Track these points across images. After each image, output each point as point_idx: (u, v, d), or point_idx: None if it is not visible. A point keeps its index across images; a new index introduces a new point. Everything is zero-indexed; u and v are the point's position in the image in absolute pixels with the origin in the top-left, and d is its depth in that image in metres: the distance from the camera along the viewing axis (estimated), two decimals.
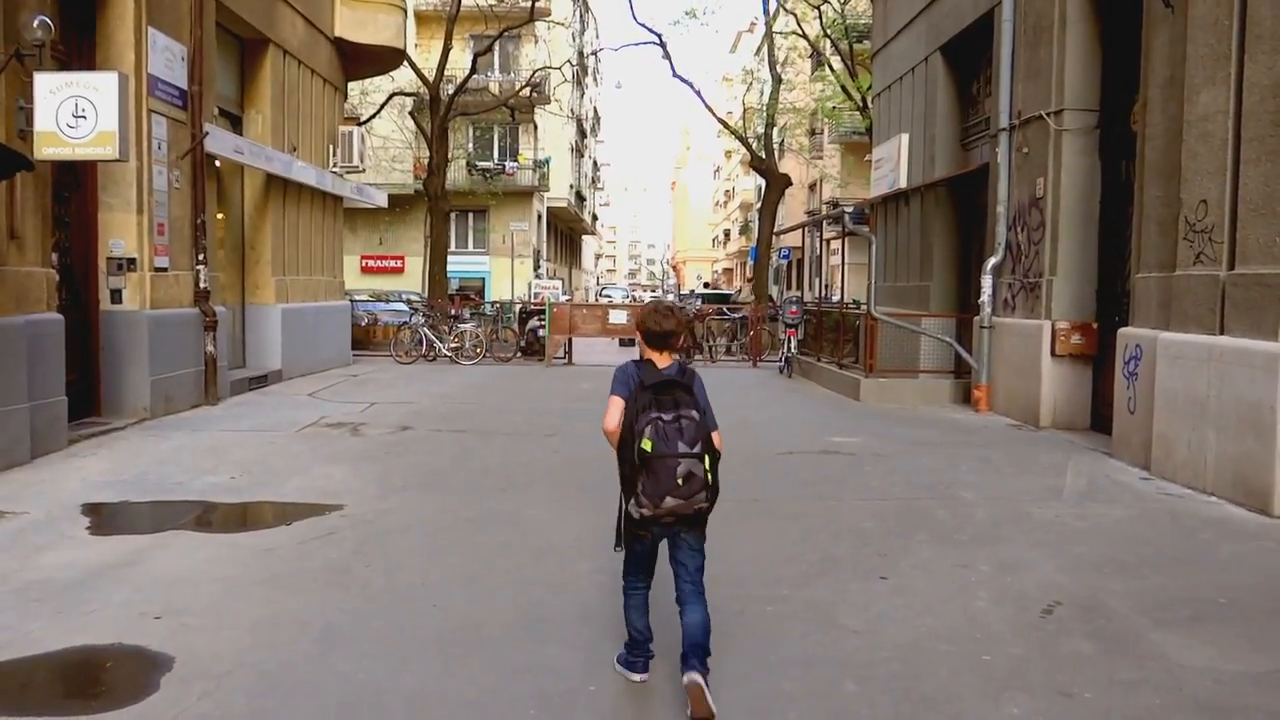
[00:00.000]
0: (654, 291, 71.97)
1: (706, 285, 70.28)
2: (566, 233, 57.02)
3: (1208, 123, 7.57)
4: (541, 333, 18.96)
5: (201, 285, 11.30)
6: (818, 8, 28.20)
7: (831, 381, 14.41)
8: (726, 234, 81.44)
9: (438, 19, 33.65)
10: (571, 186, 48.15)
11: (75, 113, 8.20)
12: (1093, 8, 10.34)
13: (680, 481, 3.52)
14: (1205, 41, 7.63)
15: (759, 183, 40.92)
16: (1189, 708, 3.69)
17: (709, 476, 3.58)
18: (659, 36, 27.90)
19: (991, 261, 11.78)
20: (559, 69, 31.09)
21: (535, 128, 39.56)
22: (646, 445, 3.53)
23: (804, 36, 30.63)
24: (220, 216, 12.98)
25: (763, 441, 9.60)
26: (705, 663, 3.62)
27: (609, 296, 50.44)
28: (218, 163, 12.51)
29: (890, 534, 6.08)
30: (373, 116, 28.49)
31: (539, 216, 42.60)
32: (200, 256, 11.30)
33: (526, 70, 33.66)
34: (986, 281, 11.85)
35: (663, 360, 3.77)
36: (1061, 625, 4.53)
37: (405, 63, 20.28)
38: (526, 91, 31.27)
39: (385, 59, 18.22)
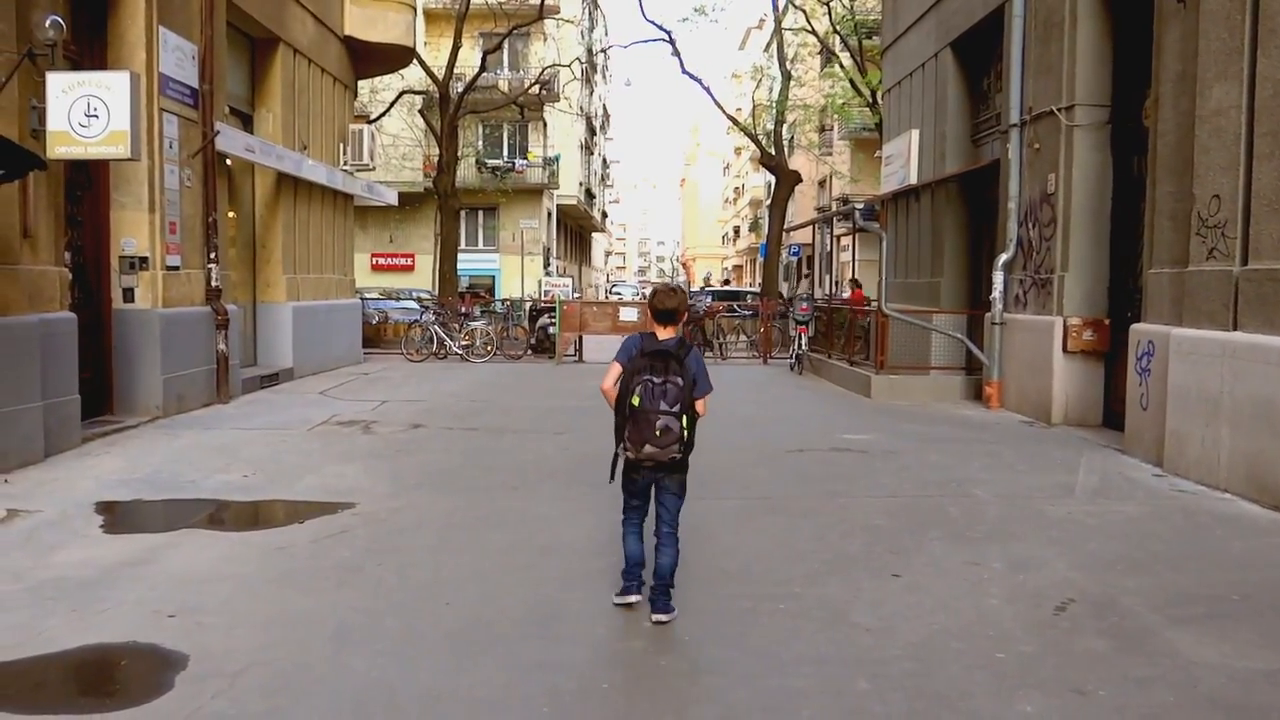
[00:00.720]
0: None
1: (727, 282, 69.33)
2: (576, 230, 57.03)
3: (1220, 118, 7.53)
4: (552, 330, 18.96)
5: (213, 283, 11.34)
6: (827, 4, 28.14)
7: (842, 378, 14.38)
8: (736, 231, 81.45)
9: (447, 17, 33.67)
10: (581, 184, 48.16)
11: (87, 112, 8.22)
12: (1103, 3, 10.28)
13: (658, 433, 4.31)
14: (1217, 36, 7.59)
15: (769, 179, 40.82)
16: (1203, 705, 3.68)
17: (685, 433, 4.35)
18: (668, 34, 27.88)
19: (1003, 258, 11.75)
20: (568, 66, 31.09)
21: (545, 125, 39.58)
22: (635, 401, 4.34)
23: (813, 33, 30.57)
24: (231, 215, 13.00)
25: (773, 439, 9.59)
26: (669, 598, 4.49)
27: (619, 294, 50.31)
28: (229, 161, 12.54)
29: (902, 531, 6.07)
30: (383, 114, 28.52)
31: (549, 214, 42.62)
32: (212, 255, 11.33)
33: (536, 68, 33.69)
34: (998, 278, 11.81)
35: (664, 333, 4.51)
36: (1074, 623, 4.51)
37: (415, 61, 20.31)
38: (536, 89, 31.27)
39: (395, 57, 18.24)
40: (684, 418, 4.33)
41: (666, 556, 4.53)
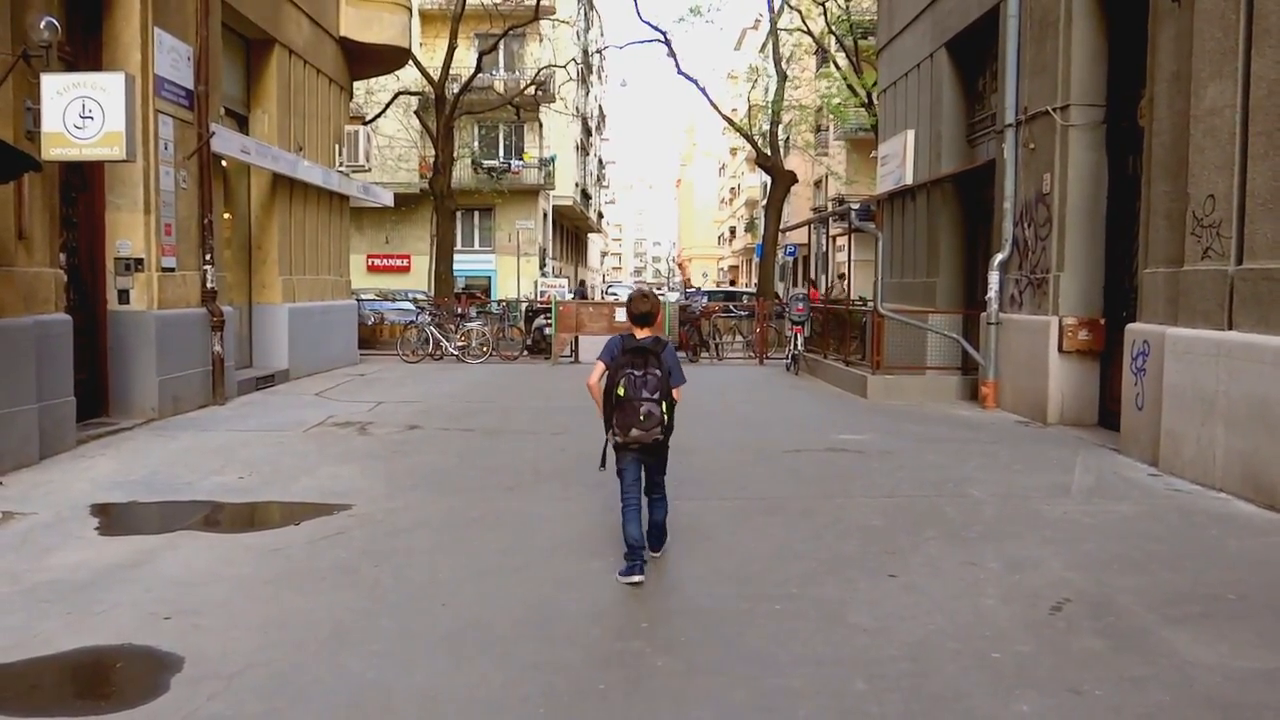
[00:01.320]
0: (659, 290, 71.56)
1: (733, 283, 68.97)
2: (572, 231, 57.02)
3: (1215, 117, 7.54)
4: (548, 331, 18.95)
5: (208, 285, 11.31)
6: (822, 4, 28.17)
7: (838, 379, 14.39)
8: (732, 231, 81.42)
9: (443, 18, 33.65)
10: (577, 184, 48.15)
11: (82, 113, 8.21)
12: (1098, 3, 10.29)
13: (642, 418, 4.92)
14: (1212, 35, 7.60)
15: (764, 180, 40.87)
16: (1199, 704, 3.68)
17: (665, 417, 4.97)
18: (664, 34, 27.94)
19: (998, 258, 11.76)
20: (564, 67, 31.07)
21: (540, 126, 39.56)
22: (620, 391, 4.94)
23: (809, 33, 30.61)
24: (227, 216, 12.99)
25: (770, 439, 9.59)
26: (661, 540, 5.38)
27: (614, 295, 50.25)
28: (224, 162, 12.52)
29: (898, 531, 6.07)
30: (378, 115, 28.50)
31: (545, 215, 42.60)
32: (207, 256, 11.31)
33: (531, 68, 33.65)
34: (993, 278, 11.82)
35: (641, 333, 5.11)
36: (1071, 622, 4.52)
37: (410, 62, 20.30)
38: (531, 90, 31.24)
39: (390, 58, 18.23)
40: (664, 404, 4.95)
41: (659, 511, 5.31)
